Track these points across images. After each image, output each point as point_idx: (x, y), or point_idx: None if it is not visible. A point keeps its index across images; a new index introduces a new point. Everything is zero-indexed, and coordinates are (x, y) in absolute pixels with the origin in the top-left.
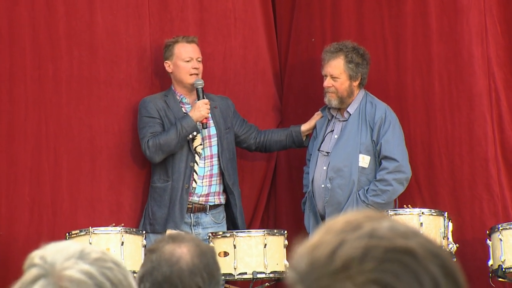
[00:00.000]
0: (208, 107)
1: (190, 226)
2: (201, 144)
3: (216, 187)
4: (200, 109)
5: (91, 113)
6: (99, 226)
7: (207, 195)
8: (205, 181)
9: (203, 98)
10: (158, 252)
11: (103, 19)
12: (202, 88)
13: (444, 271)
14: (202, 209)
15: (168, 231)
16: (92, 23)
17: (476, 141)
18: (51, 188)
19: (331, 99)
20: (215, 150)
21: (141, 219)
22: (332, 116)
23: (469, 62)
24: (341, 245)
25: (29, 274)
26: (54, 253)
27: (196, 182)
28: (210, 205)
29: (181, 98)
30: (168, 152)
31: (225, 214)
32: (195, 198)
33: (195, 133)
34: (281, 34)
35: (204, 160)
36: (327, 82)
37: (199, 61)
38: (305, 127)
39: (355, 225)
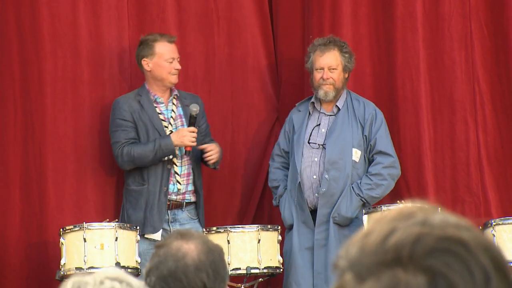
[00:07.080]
0: (194, 135)
1: (168, 222)
2: None
3: (190, 185)
4: (183, 138)
5: (75, 113)
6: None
7: (184, 193)
8: (183, 179)
9: (194, 126)
10: (166, 248)
11: (86, 21)
12: (196, 116)
13: (495, 264)
14: (179, 205)
15: (148, 235)
16: (76, 25)
17: (457, 145)
18: (38, 190)
19: (329, 91)
20: None
21: None
22: (314, 109)
23: (450, 68)
24: (393, 232)
25: None
26: None
27: (180, 183)
28: (186, 202)
29: (155, 98)
30: (140, 166)
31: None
32: (173, 197)
33: (171, 157)
34: (277, 30)
35: (181, 159)
36: (326, 74)
37: (178, 61)
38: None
39: (407, 214)
